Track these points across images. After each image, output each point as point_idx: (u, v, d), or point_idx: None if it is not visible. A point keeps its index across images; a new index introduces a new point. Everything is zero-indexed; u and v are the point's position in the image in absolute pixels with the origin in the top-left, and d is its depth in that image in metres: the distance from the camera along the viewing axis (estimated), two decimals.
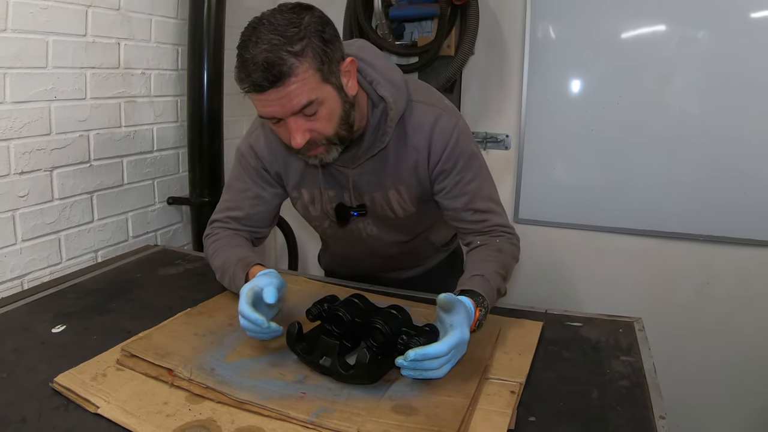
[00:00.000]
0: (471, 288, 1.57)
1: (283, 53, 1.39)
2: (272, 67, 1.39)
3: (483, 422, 1.24)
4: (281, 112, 1.46)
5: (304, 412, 1.24)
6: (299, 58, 1.41)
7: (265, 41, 1.40)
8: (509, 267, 1.76)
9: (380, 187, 1.79)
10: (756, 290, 3.23)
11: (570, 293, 3.48)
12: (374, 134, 1.70)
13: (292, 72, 1.40)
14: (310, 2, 1.54)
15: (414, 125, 1.71)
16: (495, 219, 1.81)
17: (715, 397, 3.37)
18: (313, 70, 1.44)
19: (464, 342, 1.39)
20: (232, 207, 1.92)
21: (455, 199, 1.77)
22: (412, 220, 1.88)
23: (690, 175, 3.19)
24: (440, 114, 1.71)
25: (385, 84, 1.66)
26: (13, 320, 1.71)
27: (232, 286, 1.78)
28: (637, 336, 1.68)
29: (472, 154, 1.75)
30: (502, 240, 1.80)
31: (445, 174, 1.74)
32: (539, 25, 3.32)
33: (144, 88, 2.68)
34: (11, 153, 2.08)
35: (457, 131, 1.71)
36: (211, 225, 1.97)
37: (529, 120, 3.41)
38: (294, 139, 1.49)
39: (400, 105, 1.67)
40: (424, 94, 1.77)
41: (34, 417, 1.24)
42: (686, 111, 3.17)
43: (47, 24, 2.16)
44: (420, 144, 1.71)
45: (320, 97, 1.47)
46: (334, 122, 1.54)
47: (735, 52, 3.03)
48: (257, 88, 1.42)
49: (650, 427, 1.25)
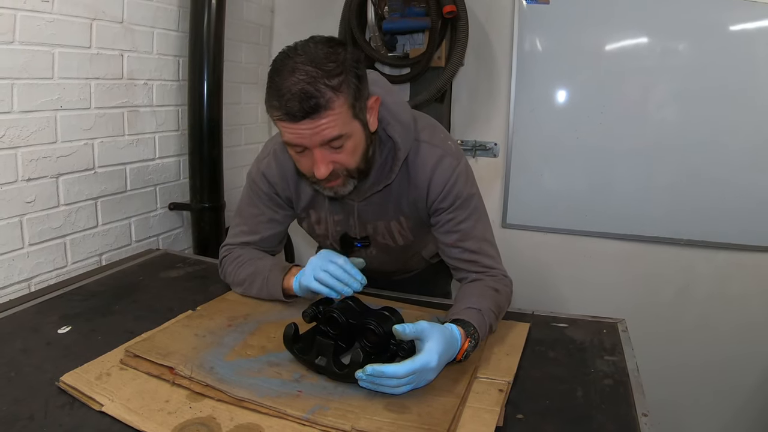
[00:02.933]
0: (464, 318, 1.52)
1: (322, 86, 1.38)
2: (309, 98, 1.37)
3: (472, 419, 1.25)
4: (309, 143, 1.45)
5: (300, 410, 1.25)
6: (337, 93, 1.40)
7: (302, 72, 1.38)
8: (503, 308, 1.71)
9: (383, 217, 1.80)
10: (734, 292, 3.25)
11: (556, 295, 3.48)
12: (381, 171, 1.70)
13: (329, 105, 1.39)
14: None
15: (418, 165, 1.70)
16: (486, 261, 1.77)
17: (695, 394, 3.38)
18: (347, 106, 1.43)
19: (429, 368, 1.33)
20: (246, 231, 1.92)
21: (447, 234, 1.76)
22: (409, 246, 1.90)
23: (670, 182, 3.21)
24: (443, 156, 1.70)
25: (395, 125, 1.66)
26: (20, 321, 1.71)
27: (264, 290, 1.81)
28: (621, 336, 1.69)
29: (469, 196, 1.73)
30: (496, 281, 1.74)
31: (440, 211, 1.73)
32: (526, 38, 3.32)
33: (146, 98, 2.68)
34: (19, 160, 2.08)
35: (457, 173, 1.69)
36: (225, 248, 1.96)
37: (516, 128, 3.42)
38: (318, 170, 1.48)
39: (407, 146, 1.67)
40: (430, 134, 1.74)
41: (40, 414, 1.24)
42: (667, 120, 3.18)
43: (53, 36, 2.16)
44: (421, 182, 1.71)
45: (349, 132, 1.47)
46: (357, 156, 1.54)
47: (714, 63, 3.04)
48: (290, 117, 1.40)
49: (633, 423, 1.26)
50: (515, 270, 3.43)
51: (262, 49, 3.65)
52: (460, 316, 1.54)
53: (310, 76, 1.37)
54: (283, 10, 3.78)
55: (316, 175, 1.49)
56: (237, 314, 1.75)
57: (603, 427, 1.25)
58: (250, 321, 1.70)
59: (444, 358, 1.38)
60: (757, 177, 3.09)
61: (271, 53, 3.66)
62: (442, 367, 1.39)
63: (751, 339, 3.27)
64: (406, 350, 1.39)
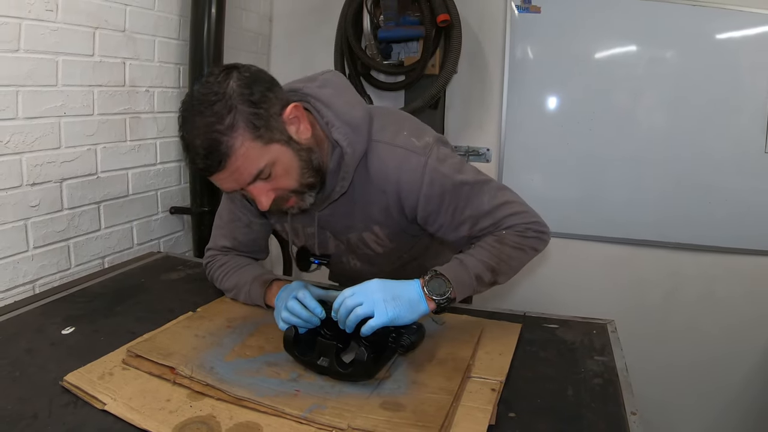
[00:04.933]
0: (437, 269, 1.50)
1: (215, 135, 1.32)
2: (210, 154, 1.33)
3: (465, 418, 1.25)
4: (238, 186, 1.41)
5: (298, 409, 1.25)
6: (231, 135, 1.33)
7: (197, 123, 1.34)
8: (506, 257, 1.58)
9: (354, 230, 1.71)
10: (720, 294, 3.26)
11: (547, 297, 3.48)
12: (334, 178, 1.57)
13: (230, 152, 1.33)
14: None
15: (377, 168, 1.56)
16: (507, 222, 1.61)
17: (682, 393, 3.39)
18: (250, 141, 1.35)
19: (369, 287, 1.42)
20: (226, 235, 1.88)
21: (457, 230, 1.61)
22: (393, 253, 1.80)
23: (658, 187, 3.22)
24: (405, 156, 1.54)
25: (341, 126, 1.52)
26: (25, 322, 1.71)
27: (249, 302, 1.81)
28: (610, 337, 1.69)
29: (455, 183, 1.56)
30: (508, 232, 1.60)
31: (434, 214, 1.59)
32: (518, 46, 3.34)
33: (148, 105, 2.68)
34: (23, 165, 2.08)
35: (429, 170, 1.53)
36: (208, 253, 1.94)
37: (508, 135, 3.43)
38: (260, 203, 1.43)
39: (357, 148, 1.53)
40: (390, 133, 1.58)
41: (45, 413, 1.24)
42: (655, 126, 3.20)
43: (57, 45, 2.16)
44: (387, 188, 1.57)
45: (270, 161, 1.39)
46: (293, 176, 1.45)
47: (701, 71, 3.07)
48: (205, 173, 1.38)
49: (622, 422, 1.27)
50: None
51: (260, 57, 3.64)
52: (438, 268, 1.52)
53: (203, 128, 1.33)
54: (281, 20, 3.78)
55: (260, 208, 1.45)
56: (236, 316, 1.75)
57: (593, 425, 1.26)
58: (248, 322, 1.70)
59: (389, 285, 1.43)
60: (742, 182, 3.11)
61: (270, 61, 3.69)
62: (395, 294, 1.42)
63: (737, 339, 3.29)
64: (405, 347, 1.40)
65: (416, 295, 1.45)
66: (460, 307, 1.89)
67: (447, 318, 1.75)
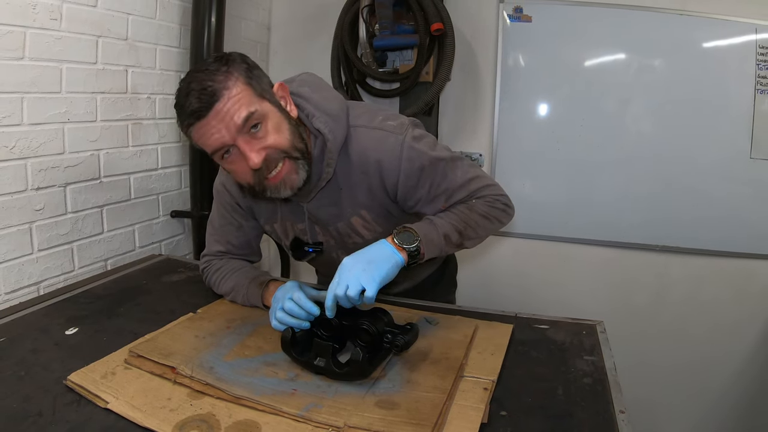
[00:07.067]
0: (406, 225, 1.56)
1: (211, 80, 1.38)
2: (204, 90, 1.36)
3: (458, 416, 1.26)
4: (228, 134, 1.40)
5: (295, 407, 1.26)
6: (226, 74, 1.39)
7: (196, 77, 1.40)
8: (474, 223, 1.65)
9: (341, 218, 1.72)
10: (707, 296, 3.27)
11: (538, 298, 3.49)
12: (319, 166, 1.62)
13: (224, 86, 1.38)
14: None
15: (357, 151, 1.61)
16: (480, 193, 1.69)
17: (669, 393, 3.40)
18: (243, 84, 1.41)
19: (345, 266, 1.44)
20: (219, 240, 1.91)
21: (433, 203, 1.66)
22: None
23: (647, 191, 3.23)
24: (383, 136, 1.60)
25: (321, 116, 1.57)
26: (30, 323, 1.71)
27: (247, 304, 1.82)
28: (599, 337, 1.70)
29: (431, 159, 1.62)
30: (478, 201, 1.68)
31: (413, 189, 1.63)
32: (510, 54, 3.35)
33: (149, 111, 2.68)
34: (28, 170, 2.08)
35: (406, 147, 1.58)
36: (204, 259, 1.96)
37: (500, 140, 3.44)
38: (250, 159, 1.42)
39: (338, 135, 1.58)
40: (367, 118, 1.64)
41: (49, 411, 1.24)
42: (643, 132, 3.21)
43: (61, 53, 2.16)
44: (369, 169, 1.62)
45: (260, 110, 1.42)
46: (284, 134, 1.48)
47: (687, 78, 3.09)
48: (197, 115, 1.38)
49: (611, 420, 1.27)
50: (499, 274, 3.50)
51: (259, 64, 3.57)
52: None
53: (200, 80, 1.38)
54: (279, 28, 3.79)
55: (250, 165, 1.43)
56: (235, 317, 1.75)
57: (582, 424, 1.26)
58: (247, 323, 1.70)
59: (360, 255, 1.48)
60: (728, 186, 3.12)
61: (269, 68, 3.69)
62: (369, 259, 1.46)
63: (723, 340, 3.29)
64: (399, 346, 1.40)
65: (388, 250, 1.50)
66: (453, 308, 1.91)
67: (440, 319, 1.76)
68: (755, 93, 3.01)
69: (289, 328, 1.46)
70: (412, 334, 1.45)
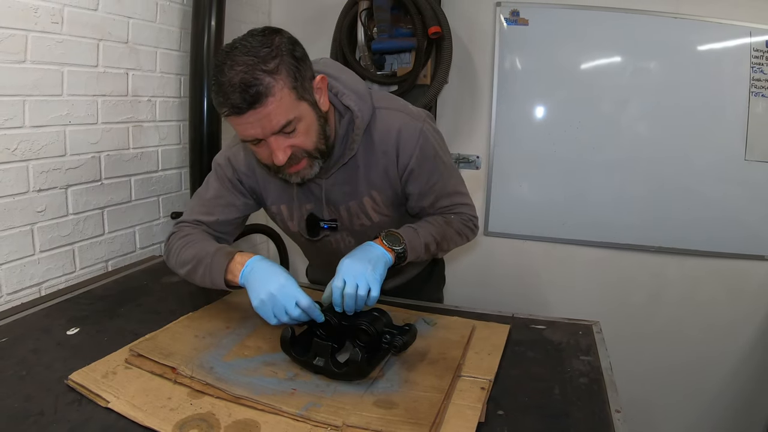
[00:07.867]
0: (391, 230, 1.64)
1: (258, 73, 1.34)
2: (249, 88, 1.34)
3: (456, 415, 1.26)
4: (262, 133, 1.41)
5: (294, 407, 1.26)
6: (274, 77, 1.36)
7: (240, 63, 1.35)
8: (449, 237, 1.77)
9: (354, 197, 1.73)
10: (702, 296, 3.28)
11: (535, 299, 3.50)
12: (343, 143, 1.65)
13: (269, 92, 1.35)
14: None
15: (380, 131, 1.66)
16: (459, 209, 1.82)
17: (665, 392, 3.41)
18: (288, 89, 1.39)
19: (340, 267, 1.50)
20: (202, 211, 1.82)
21: (423, 198, 1.75)
22: (385, 225, 1.76)
23: (642, 192, 3.24)
24: (406, 119, 1.67)
25: (350, 94, 1.62)
26: (31, 323, 1.71)
27: (207, 277, 1.64)
28: (595, 338, 1.70)
29: (436, 156, 1.71)
30: (456, 217, 1.80)
31: (415, 175, 1.69)
32: (507, 57, 3.36)
33: (150, 114, 2.69)
34: (30, 172, 2.08)
35: (422, 136, 1.66)
36: (178, 224, 1.85)
37: (497, 142, 3.44)
38: (276, 157, 1.45)
39: (365, 113, 1.63)
40: (388, 101, 1.72)
41: (50, 410, 1.25)
42: (638, 134, 3.22)
43: (63, 56, 2.16)
44: (388, 149, 1.66)
45: (298, 115, 1.43)
46: (312, 137, 1.50)
47: (683, 81, 3.10)
48: (236, 110, 1.36)
49: (607, 419, 1.27)
50: (496, 275, 3.50)
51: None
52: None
53: (246, 66, 1.35)
54: None
55: (275, 162, 1.47)
56: (234, 317, 1.75)
57: (579, 423, 1.27)
58: (247, 324, 1.70)
59: (358, 256, 1.54)
60: (723, 188, 3.13)
61: None
62: (368, 258, 1.53)
63: (718, 340, 3.30)
64: (398, 347, 1.40)
65: (379, 250, 1.58)
66: (450, 309, 1.91)
67: (438, 319, 1.76)
68: (749, 95, 3.03)
69: (289, 328, 1.45)
70: (410, 335, 1.45)
